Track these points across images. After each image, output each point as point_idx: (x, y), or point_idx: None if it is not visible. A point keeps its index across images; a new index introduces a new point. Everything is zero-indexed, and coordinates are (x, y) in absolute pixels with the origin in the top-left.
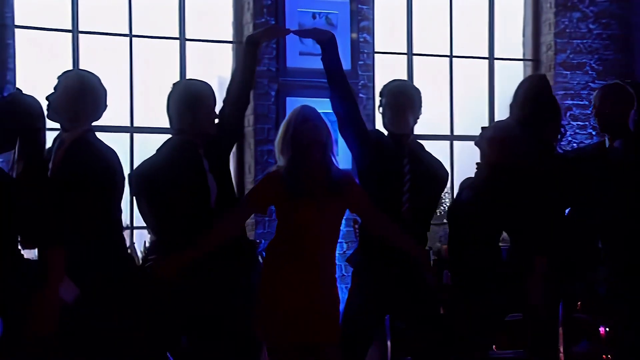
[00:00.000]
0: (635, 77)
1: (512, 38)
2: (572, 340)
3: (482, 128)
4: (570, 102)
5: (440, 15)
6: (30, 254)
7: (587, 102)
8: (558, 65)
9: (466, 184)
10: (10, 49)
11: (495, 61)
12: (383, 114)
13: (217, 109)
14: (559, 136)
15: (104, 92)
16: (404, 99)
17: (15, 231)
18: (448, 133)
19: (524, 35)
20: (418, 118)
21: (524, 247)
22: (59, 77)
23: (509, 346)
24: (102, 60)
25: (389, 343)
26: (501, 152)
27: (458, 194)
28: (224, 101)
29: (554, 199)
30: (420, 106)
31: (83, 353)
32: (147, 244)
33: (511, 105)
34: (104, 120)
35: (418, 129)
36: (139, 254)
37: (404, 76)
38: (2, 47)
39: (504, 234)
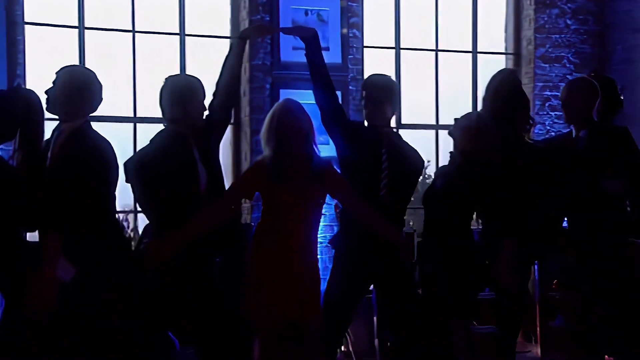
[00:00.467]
0: (610, 69)
1: (494, 33)
2: (549, 317)
3: (455, 119)
4: (549, 93)
5: (427, 12)
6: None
7: None
8: (537, 58)
9: (441, 171)
10: (20, 45)
11: (479, 55)
12: (364, 106)
13: (207, 102)
14: (527, 127)
15: (99, 86)
16: (382, 92)
17: (16, 217)
18: (434, 122)
19: (505, 31)
20: (396, 110)
21: (493, 230)
22: (57, 73)
23: (488, 322)
24: (106, 54)
25: (375, 319)
26: (472, 141)
27: (433, 180)
28: (214, 94)
29: (523, 185)
30: (399, 99)
31: (79, 330)
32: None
33: (484, 98)
34: (109, 111)
35: (406, 119)
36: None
37: (392, 69)
38: (12, 43)
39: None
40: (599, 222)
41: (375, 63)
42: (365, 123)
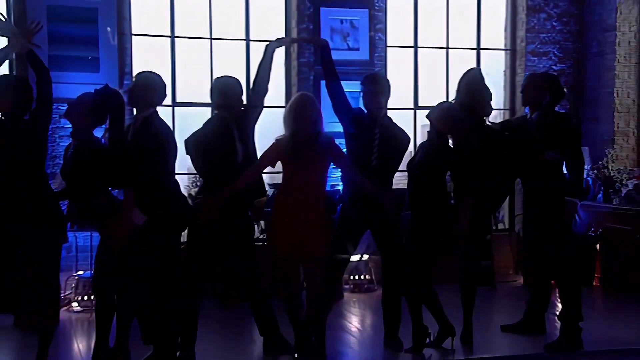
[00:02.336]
0: (586, 61)
1: (494, 34)
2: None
3: (432, 106)
4: None
5: (438, 16)
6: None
7: None
8: (528, 53)
9: (420, 146)
10: (127, 51)
11: (482, 51)
12: (363, 97)
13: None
14: (488, 113)
15: (163, 86)
16: (376, 86)
17: (105, 178)
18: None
19: (505, 31)
20: (388, 98)
21: (458, 190)
22: (135, 76)
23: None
24: (194, 59)
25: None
26: (445, 123)
27: (415, 153)
28: (251, 89)
29: (482, 157)
30: (389, 90)
31: (149, 257)
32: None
33: (456, 91)
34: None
35: (422, 102)
36: (193, 193)
37: (410, 65)
38: (121, 50)
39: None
40: (544, 185)
41: (397, 59)
42: (364, 109)
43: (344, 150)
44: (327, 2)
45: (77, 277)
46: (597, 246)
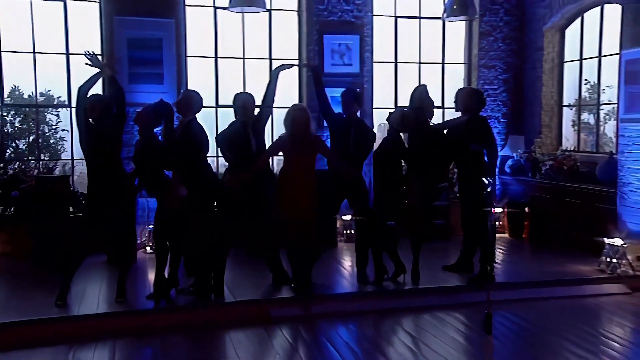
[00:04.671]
0: (523, 73)
1: (456, 52)
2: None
3: (390, 112)
4: (488, 86)
5: (413, 39)
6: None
7: (496, 86)
8: (480, 66)
9: (382, 140)
10: (183, 71)
11: (446, 65)
12: (342, 105)
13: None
14: (430, 116)
15: (200, 100)
16: (350, 97)
17: (162, 164)
18: None
19: (463, 49)
20: (360, 106)
21: (409, 171)
22: (181, 93)
23: None
24: (231, 73)
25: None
26: (400, 123)
27: (379, 145)
28: (262, 102)
29: (426, 148)
30: (362, 99)
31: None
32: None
33: (409, 101)
34: (206, 102)
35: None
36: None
37: (392, 77)
38: (179, 70)
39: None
40: (470, 167)
41: (381, 72)
42: (343, 114)
43: (328, 144)
44: (328, 30)
45: (148, 229)
46: (526, 209)
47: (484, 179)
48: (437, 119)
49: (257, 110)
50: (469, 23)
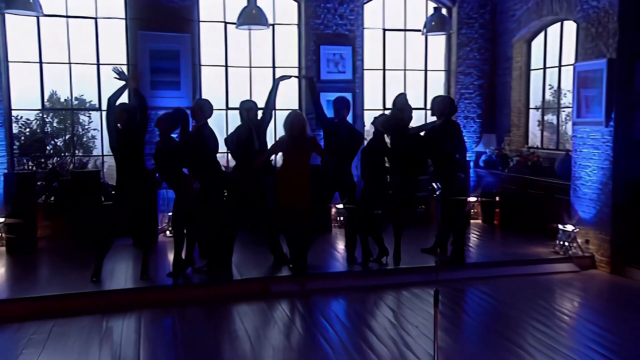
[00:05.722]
0: (496, 80)
1: (437, 60)
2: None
3: (375, 117)
4: (464, 91)
5: (399, 50)
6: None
7: (471, 91)
8: (458, 73)
9: (369, 140)
10: (198, 80)
11: (428, 72)
12: (334, 111)
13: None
14: (409, 120)
15: (210, 106)
16: (341, 104)
17: (178, 161)
18: None
19: (443, 58)
20: (349, 112)
21: (391, 167)
22: (194, 100)
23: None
24: (238, 80)
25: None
26: (383, 126)
27: (366, 145)
28: (264, 107)
29: (405, 148)
30: (349, 106)
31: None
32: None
33: (392, 106)
34: (218, 105)
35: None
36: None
37: (380, 83)
38: (194, 79)
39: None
40: (444, 164)
41: (371, 78)
42: (335, 118)
43: (322, 144)
44: (325, 42)
45: (168, 216)
46: (497, 198)
47: (458, 173)
48: (419, 120)
49: (260, 113)
50: (448, 35)
